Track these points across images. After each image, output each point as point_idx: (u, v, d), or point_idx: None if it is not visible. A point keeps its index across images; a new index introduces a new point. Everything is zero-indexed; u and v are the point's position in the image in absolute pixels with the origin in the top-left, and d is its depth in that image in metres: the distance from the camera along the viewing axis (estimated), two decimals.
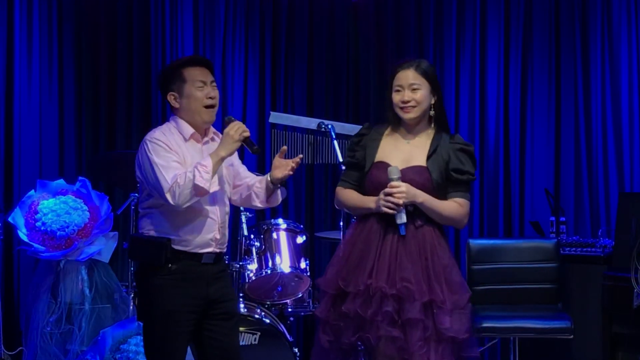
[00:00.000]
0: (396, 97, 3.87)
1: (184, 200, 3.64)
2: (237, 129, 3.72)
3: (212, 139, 3.88)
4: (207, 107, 3.80)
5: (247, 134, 3.74)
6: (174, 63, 3.89)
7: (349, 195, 3.94)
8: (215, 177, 3.68)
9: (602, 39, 6.20)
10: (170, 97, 3.82)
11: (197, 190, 3.63)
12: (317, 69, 6.51)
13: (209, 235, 3.78)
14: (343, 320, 3.80)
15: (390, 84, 3.91)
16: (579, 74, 6.25)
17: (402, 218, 3.75)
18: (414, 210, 3.80)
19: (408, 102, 3.84)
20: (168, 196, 3.63)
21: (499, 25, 6.33)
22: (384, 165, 3.86)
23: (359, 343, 3.84)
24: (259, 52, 6.44)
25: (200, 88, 3.78)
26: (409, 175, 3.81)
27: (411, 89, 3.84)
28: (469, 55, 6.34)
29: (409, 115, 3.86)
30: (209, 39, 6.38)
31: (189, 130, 3.80)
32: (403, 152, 3.88)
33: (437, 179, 3.81)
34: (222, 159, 3.71)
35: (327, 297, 3.89)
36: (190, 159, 3.75)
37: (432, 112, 3.89)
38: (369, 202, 3.83)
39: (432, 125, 3.91)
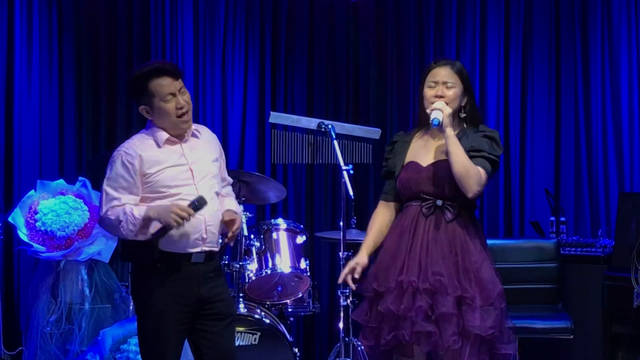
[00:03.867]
0: (429, 92, 3.87)
1: (108, 232, 3.84)
2: (176, 216, 3.61)
3: (193, 135, 3.85)
4: (179, 117, 3.75)
5: (175, 225, 3.62)
6: (137, 74, 3.76)
7: (374, 216, 4.03)
8: (147, 230, 3.66)
9: (602, 39, 6.20)
10: (142, 110, 3.78)
11: (120, 235, 3.74)
12: (317, 69, 6.50)
13: (196, 235, 3.75)
14: (380, 321, 3.81)
15: (423, 80, 3.92)
16: (579, 74, 6.24)
17: (438, 115, 3.78)
18: (443, 204, 3.82)
19: (441, 97, 3.84)
20: (99, 223, 3.80)
21: (499, 25, 6.32)
22: (413, 165, 3.88)
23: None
24: (259, 52, 6.43)
25: (169, 101, 3.72)
26: (434, 170, 3.84)
27: (445, 86, 3.86)
28: (469, 55, 6.33)
29: None
30: (209, 39, 6.37)
31: (163, 136, 3.76)
32: (431, 150, 3.90)
33: None
34: (150, 220, 3.66)
35: (365, 301, 3.91)
36: (166, 161, 3.73)
37: (462, 115, 3.89)
38: (365, 242, 3.99)
39: (463, 125, 3.90)
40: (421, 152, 3.91)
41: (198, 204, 3.66)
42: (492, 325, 3.73)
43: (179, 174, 3.73)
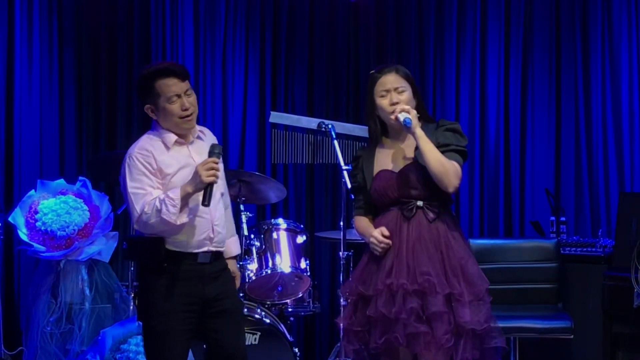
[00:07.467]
0: (384, 102, 3.86)
1: (149, 230, 3.68)
2: (208, 171, 3.62)
3: (199, 137, 3.87)
4: (183, 117, 3.76)
5: (214, 179, 3.63)
6: (145, 74, 3.78)
7: (357, 224, 3.98)
8: (186, 209, 3.65)
9: (603, 39, 6.20)
10: (148, 110, 3.80)
11: (164, 223, 3.63)
12: (317, 69, 6.50)
13: (203, 235, 3.77)
14: (368, 325, 3.81)
15: (370, 92, 3.90)
16: (579, 74, 6.24)
17: (406, 115, 3.77)
18: (424, 204, 3.83)
19: (397, 103, 3.83)
20: (136, 225, 3.68)
21: (500, 25, 6.32)
22: (384, 174, 3.89)
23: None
24: (260, 51, 6.44)
25: (174, 102, 3.73)
26: (407, 174, 3.84)
27: (397, 91, 3.85)
28: (469, 55, 6.34)
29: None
30: (210, 38, 6.38)
31: (171, 138, 3.77)
32: (399, 156, 3.91)
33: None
34: (190, 195, 3.65)
35: (349, 305, 3.91)
36: (177, 163, 3.74)
37: (417, 115, 3.89)
38: (370, 229, 3.88)
39: (420, 124, 3.90)
40: (388, 159, 3.91)
41: (216, 150, 3.68)
42: (485, 319, 3.76)
43: (189, 175, 3.72)
